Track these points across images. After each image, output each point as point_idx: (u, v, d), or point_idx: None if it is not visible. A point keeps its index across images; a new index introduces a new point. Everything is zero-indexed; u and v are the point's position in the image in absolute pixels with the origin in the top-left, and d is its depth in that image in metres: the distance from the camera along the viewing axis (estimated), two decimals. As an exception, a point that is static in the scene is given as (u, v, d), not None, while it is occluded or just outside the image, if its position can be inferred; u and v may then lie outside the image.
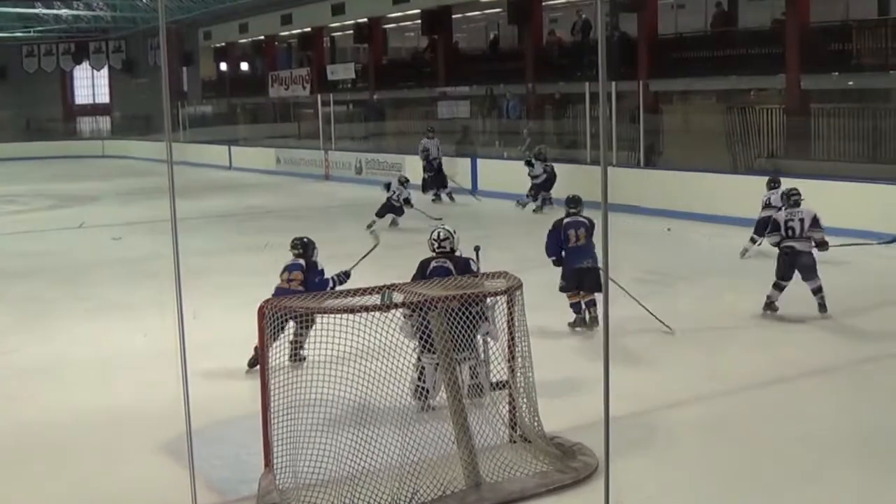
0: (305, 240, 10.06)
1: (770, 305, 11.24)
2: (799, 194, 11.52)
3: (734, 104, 22.82)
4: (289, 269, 9.74)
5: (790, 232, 11.16)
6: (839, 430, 7.77)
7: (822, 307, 11.05)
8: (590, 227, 10.74)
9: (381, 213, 19.23)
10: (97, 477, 7.27)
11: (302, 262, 9.83)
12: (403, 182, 20.01)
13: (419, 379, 7.69)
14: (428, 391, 7.72)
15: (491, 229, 18.12)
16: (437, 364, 7.43)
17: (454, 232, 8.74)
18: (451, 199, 23.33)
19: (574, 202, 11.04)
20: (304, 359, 7.10)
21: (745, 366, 9.55)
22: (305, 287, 9.39)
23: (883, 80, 20.45)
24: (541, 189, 21.21)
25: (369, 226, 17.86)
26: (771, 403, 8.50)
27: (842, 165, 18.82)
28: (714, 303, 12.25)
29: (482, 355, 7.93)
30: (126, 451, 7.72)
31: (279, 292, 9.19)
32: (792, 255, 11.16)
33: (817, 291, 11.11)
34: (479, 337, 7.78)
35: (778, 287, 11.23)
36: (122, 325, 11.80)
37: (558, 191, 21.01)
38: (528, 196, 21.52)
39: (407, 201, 19.68)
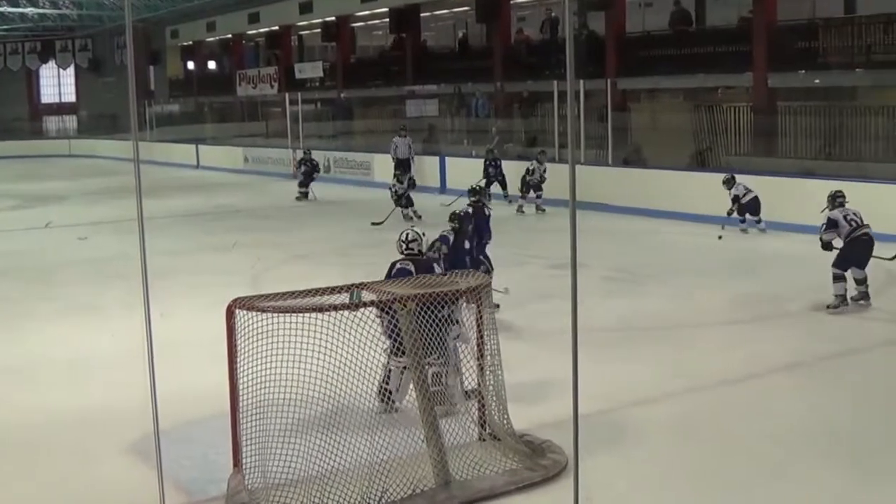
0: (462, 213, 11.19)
1: (844, 299, 11.24)
2: (843, 195, 11.76)
3: (702, 102, 22.95)
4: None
5: (854, 223, 11.24)
6: (808, 426, 7.82)
7: (867, 296, 11.29)
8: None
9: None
10: (66, 477, 7.22)
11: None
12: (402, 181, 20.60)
13: (385, 381, 7.66)
14: (391, 393, 7.68)
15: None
16: (405, 367, 7.43)
17: (422, 234, 8.68)
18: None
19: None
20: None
21: (714, 363, 9.58)
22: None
23: (849, 77, 20.62)
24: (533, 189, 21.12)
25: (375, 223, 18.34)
26: (740, 400, 8.54)
27: (808, 163, 18.96)
28: (683, 300, 12.30)
29: (454, 362, 7.85)
30: (94, 452, 7.67)
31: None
32: (870, 241, 11.27)
33: (864, 281, 11.29)
34: (450, 342, 7.74)
35: (844, 279, 11.25)
36: (89, 326, 11.72)
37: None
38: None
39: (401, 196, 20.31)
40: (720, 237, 16.38)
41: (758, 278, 13.36)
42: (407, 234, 8.67)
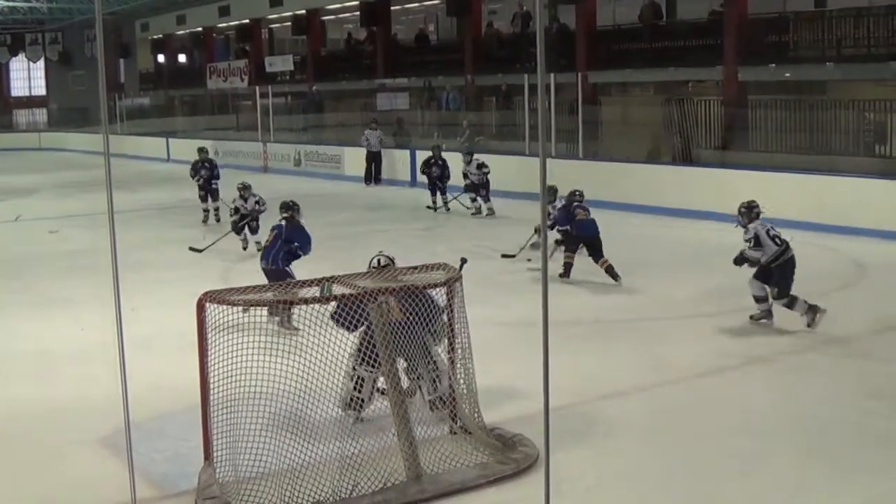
0: (290, 202, 11.40)
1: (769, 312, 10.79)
2: (759, 206, 11.04)
3: (672, 96, 22.99)
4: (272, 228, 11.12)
5: (778, 241, 10.63)
6: (779, 419, 7.88)
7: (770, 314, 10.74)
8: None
9: None
10: (36, 471, 7.20)
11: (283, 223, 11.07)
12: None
13: (355, 389, 7.62)
14: (363, 402, 7.67)
15: (432, 220, 18.13)
16: (375, 376, 7.43)
17: (393, 259, 8.24)
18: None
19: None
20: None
21: (685, 356, 9.63)
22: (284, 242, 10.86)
23: (819, 71, 20.71)
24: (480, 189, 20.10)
25: None
26: (711, 393, 8.60)
27: (779, 157, 19.06)
28: (654, 293, 12.35)
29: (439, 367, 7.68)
30: (64, 446, 7.63)
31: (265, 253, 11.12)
32: (794, 262, 10.70)
33: (765, 299, 10.77)
34: (436, 349, 7.64)
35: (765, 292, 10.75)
36: (60, 319, 11.66)
37: (505, 181, 21.08)
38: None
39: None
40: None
41: (726, 271, 13.39)
42: (378, 261, 8.14)
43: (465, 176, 19.85)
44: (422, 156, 24.83)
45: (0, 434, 7.98)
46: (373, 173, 25.95)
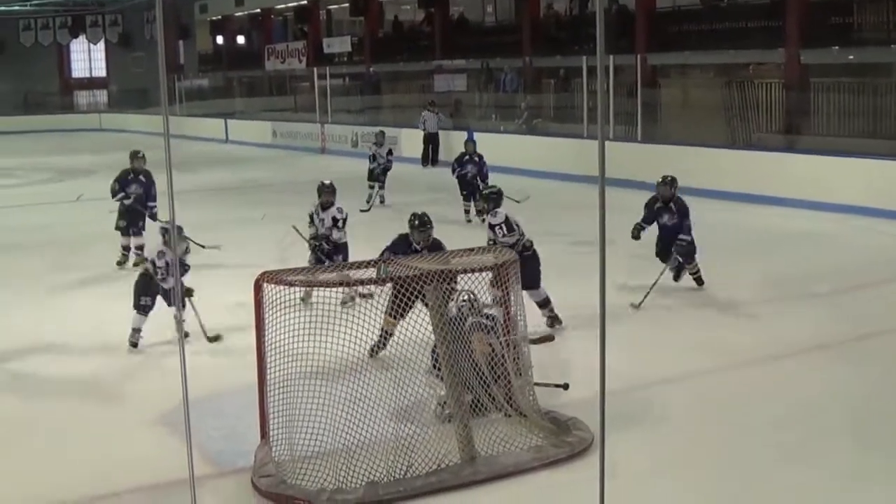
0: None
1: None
2: (501, 194, 10.62)
3: (732, 78, 22.73)
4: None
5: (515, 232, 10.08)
6: (831, 408, 7.78)
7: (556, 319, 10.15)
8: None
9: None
10: (94, 449, 7.30)
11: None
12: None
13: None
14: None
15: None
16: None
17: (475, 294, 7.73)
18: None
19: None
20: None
21: (739, 342, 9.55)
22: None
23: (884, 54, 20.35)
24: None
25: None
26: (765, 381, 8.51)
27: (841, 141, 18.77)
28: (710, 279, 12.22)
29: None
30: (123, 424, 7.74)
31: None
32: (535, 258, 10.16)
33: (545, 304, 10.16)
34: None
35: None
36: (119, 298, 11.77)
37: (563, 165, 20.98)
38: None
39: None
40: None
41: (786, 257, 13.27)
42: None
43: (373, 158, 19.24)
44: (479, 137, 24.79)
45: (58, 411, 8.11)
46: (430, 155, 25.95)
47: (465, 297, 7.44)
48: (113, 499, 6.46)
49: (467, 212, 16.89)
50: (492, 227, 10.03)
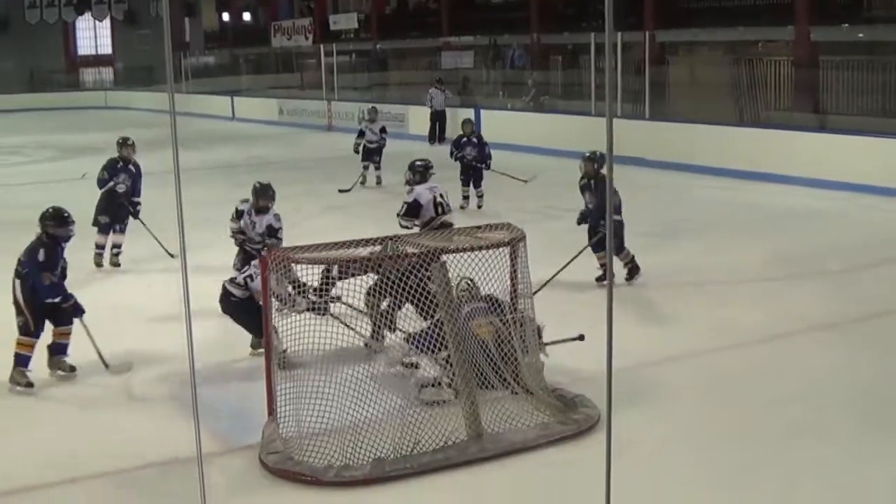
0: None
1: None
2: (431, 166, 10.43)
3: (741, 56, 22.64)
4: None
5: (441, 209, 9.97)
6: (840, 386, 7.78)
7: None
8: None
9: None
10: (103, 425, 7.32)
11: None
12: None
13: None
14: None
15: (493, 180, 18.04)
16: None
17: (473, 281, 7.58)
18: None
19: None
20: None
21: (748, 320, 9.53)
22: None
23: (894, 32, 20.24)
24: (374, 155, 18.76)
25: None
26: (773, 359, 8.50)
27: (850, 119, 18.70)
28: (719, 256, 12.21)
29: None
30: (131, 401, 7.76)
31: None
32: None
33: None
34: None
35: None
36: (126, 276, 11.80)
37: (570, 141, 20.85)
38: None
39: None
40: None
41: (794, 236, 13.24)
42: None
43: (361, 134, 18.75)
44: (487, 114, 24.76)
45: (69, 388, 8.12)
46: (437, 132, 25.89)
47: (465, 286, 7.44)
48: (123, 475, 6.48)
49: (465, 198, 15.91)
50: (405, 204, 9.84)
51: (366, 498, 6.06)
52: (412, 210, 9.80)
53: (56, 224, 8.47)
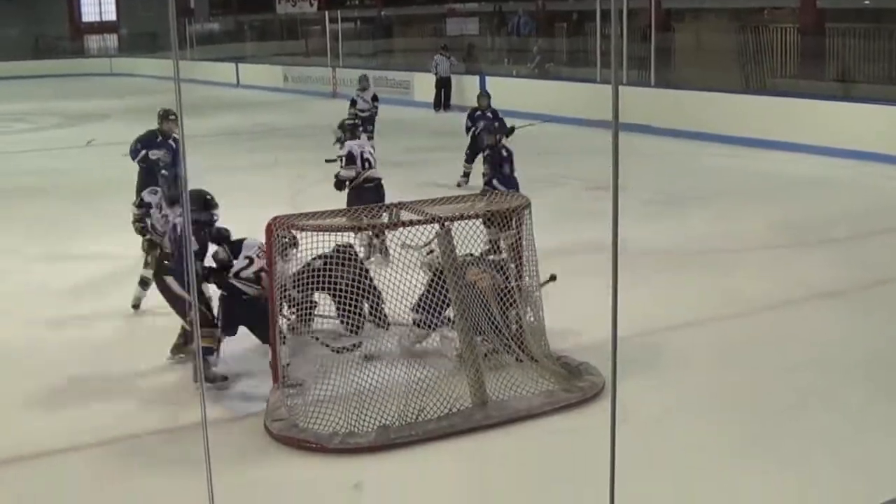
0: None
1: None
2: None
3: (747, 23, 22.48)
4: None
5: (367, 164, 10.40)
6: (847, 353, 7.77)
7: None
8: None
9: None
10: (108, 392, 7.32)
11: None
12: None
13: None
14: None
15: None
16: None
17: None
18: None
19: None
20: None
21: (755, 288, 9.51)
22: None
23: (901, -2, 20.13)
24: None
25: None
26: (780, 327, 8.49)
27: (856, 87, 18.60)
28: (725, 224, 12.18)
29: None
30: (136, 368, 7.76)
31: None
32: (378, 190, 10.41)
33: None
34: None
35: None
36: (132, 242, 11.77)
37: (576, 109, 20.76)
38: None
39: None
40: None
41: (802, 204, 13.21)
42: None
43: (353, 103, 17.72)
44: (492, 81, 24.64)
45: (73, 353, 8.14)
46: (442, 99, 25.81)
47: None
48: (132, 440, 6.50)
49: (466, 175, 14.78)
50: (340, 158, 10.52)
51: (371, 465, 6.07)
52: (350, 160, 10.41)
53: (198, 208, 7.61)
